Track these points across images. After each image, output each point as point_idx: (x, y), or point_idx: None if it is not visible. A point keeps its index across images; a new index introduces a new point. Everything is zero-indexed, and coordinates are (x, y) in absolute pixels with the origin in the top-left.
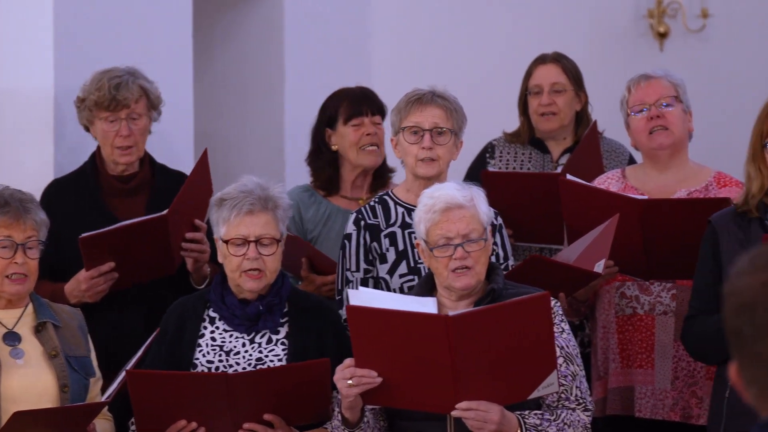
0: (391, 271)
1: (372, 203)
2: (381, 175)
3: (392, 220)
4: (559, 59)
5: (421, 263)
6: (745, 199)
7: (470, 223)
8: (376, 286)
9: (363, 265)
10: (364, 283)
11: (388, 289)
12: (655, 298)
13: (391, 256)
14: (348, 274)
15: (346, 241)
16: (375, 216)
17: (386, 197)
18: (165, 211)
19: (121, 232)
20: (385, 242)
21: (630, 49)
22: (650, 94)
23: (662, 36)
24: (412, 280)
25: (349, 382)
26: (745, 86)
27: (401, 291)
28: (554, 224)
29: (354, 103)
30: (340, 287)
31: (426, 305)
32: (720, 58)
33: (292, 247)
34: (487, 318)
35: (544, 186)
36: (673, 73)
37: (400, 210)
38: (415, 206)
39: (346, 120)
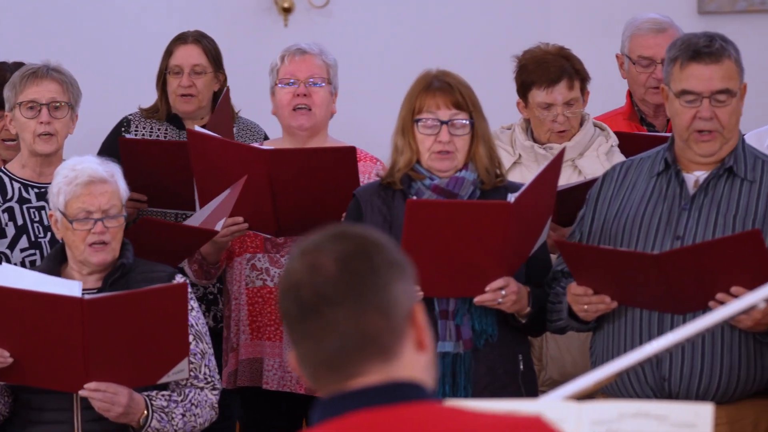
0: (11, 246)
1: None
2: None
3: (9, 196)
4: (200, 40)
5: (42, 237)
6: (391, 172)
7: (111, 199)
8: None
9: None
10: None
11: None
12: None
13: (11, 231)
14: None
15: None
16: None
17: None
18: None
19: None
20: (4, 217)
21: (254, 24)
22: (302, 69)
23: (287, 11)
24: (34, 254)
25: None
26: (367, 62)
27: (23, 265)
28: (188, 191)
29: None
30: None
31: (71, 288)
32: (343, 33)
33: None
34: (123, 303)
35: (179, 154)
36: (329, 53)
37: (17, 185)
38: (31, 181)
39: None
